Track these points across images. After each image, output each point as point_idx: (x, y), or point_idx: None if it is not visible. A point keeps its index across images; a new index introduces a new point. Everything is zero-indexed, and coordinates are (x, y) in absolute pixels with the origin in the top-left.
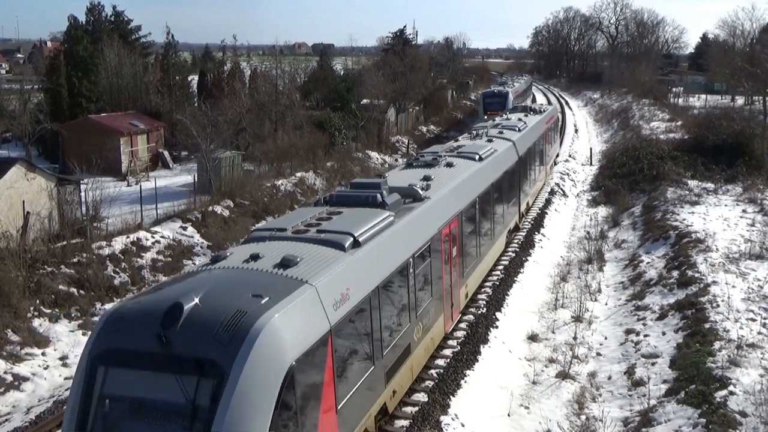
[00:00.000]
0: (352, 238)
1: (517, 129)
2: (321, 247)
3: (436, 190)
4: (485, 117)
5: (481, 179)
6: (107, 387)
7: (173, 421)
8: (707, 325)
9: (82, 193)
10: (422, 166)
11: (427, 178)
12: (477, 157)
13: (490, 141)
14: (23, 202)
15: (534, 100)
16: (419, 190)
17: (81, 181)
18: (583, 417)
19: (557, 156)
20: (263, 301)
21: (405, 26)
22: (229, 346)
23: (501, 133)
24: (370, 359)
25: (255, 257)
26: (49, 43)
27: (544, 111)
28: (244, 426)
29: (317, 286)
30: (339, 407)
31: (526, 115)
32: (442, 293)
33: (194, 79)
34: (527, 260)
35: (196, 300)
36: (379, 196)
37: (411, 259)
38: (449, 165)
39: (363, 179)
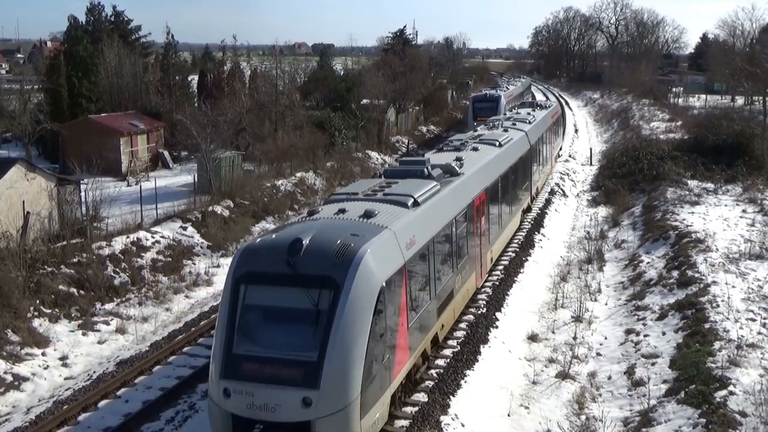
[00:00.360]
0: (412, 199)
1: (527, 121)
2: (389, 205)
3: (468, 168)
4: (474, 123)
5: (501, 162)
6: (248, 299)
7: (302, 321)
8: (707, 325)
9: (82, 193)
10: (452, 150)
11: (459, 159)
12: (497, 143)
13: (505, 131)
14: (23, 202)
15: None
16: (456, 167)
17: (81, 181)
18: (583, 417)
19: (560, 149)
20: (360, 238)
21: (405, 26)
22: (341, 268)
23: (514, 124)
24: (428, 294)
25: (342, 211)
26: (49, 43)
27: (549, 106)
28: (354, 323)
29: (394, 230)
30: (409, 325)
31: (533, 110)
32: (474, 253)
33: (194, 79)
34: (527, 260)
35: (310, 237)
36: (425, 169)
37: (453, 221)
38: (475, 149)
39: (410, 158)
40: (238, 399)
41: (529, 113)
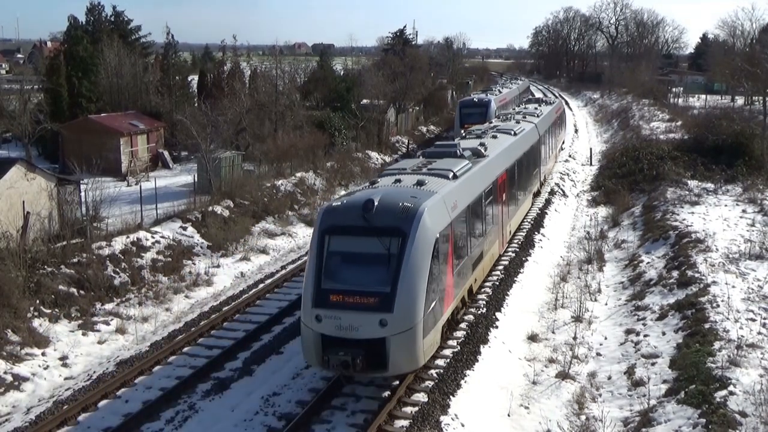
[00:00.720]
0: (452, 172)
1: (536, 115)
2: (434, 177)
3: (491, 151)
4: (461, 131)
5: (516, 149)
6: (332, 247)
7: (377, 262)
8: (707, 325)
9: (82, 193)
10: (474, 137)
11: (482, 144)
12: (512, 132)
13: (518, 123)
14: (23, 202)
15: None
16: (482, 150)
17: (81, 181)
18: (583, 417)
19: (563, 142)
20: (418, 199)
21: (405, 26)
22: (407, 221)
23: (525, 117)
24: (466, 251)
25: (398, 181)
26: (49, 44)
27: (553, 102)
28: (417, 264)
29: (442, 195)
30: (454, 272)
31: (539, 105)
32: (498, 223)
33: (194, 79)
34: (527, 260)
35: (379, 198)
36: (458, 150)
37: (483, 193)
38: (494, 137)
39: (443, 142)
40: (328, 323)
41: (536, 108)
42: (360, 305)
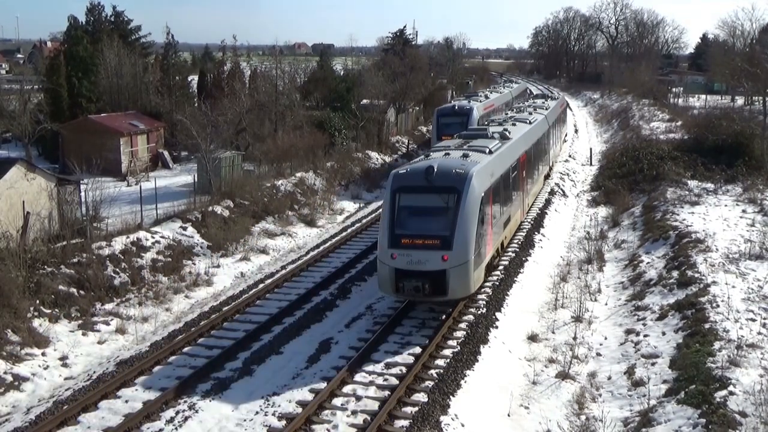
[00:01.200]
0: (488, 149)
1: (545, 108)
2: (474, 152)
3: (513, 135)
4: (439, 144)
5: (532, 135)
6: (402, 202)
7: (438, 214)
8: (707, 325)
9: (82, 193)
10: (497, 125)
11: (506, 129)
12: (528, 121)
13: (530, 114)
14: (23, 202)
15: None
16: (507, 134)
17: (81, 181)
18: (583, 417)
19: (566, 135)
20: (467, 166)
21: (405, 26)
22: (461, 181)
23: (535, 110)
24: (499, 211)
25: (447, 155)
26: (49, 44)
27: (557, 98)
28: (469, 215)
29: (483, 165)
30: (492, 226)
31: (546, 100)
32: (520, 194)
33: (194, 79)
34: (527, 260)
35: (437, 165)
36: (489, 132)
37: (510, 167)
38: (513, 124)
39: (476, 127)
40: (401, 259)
41: (543, 102)
42: (427, 246)
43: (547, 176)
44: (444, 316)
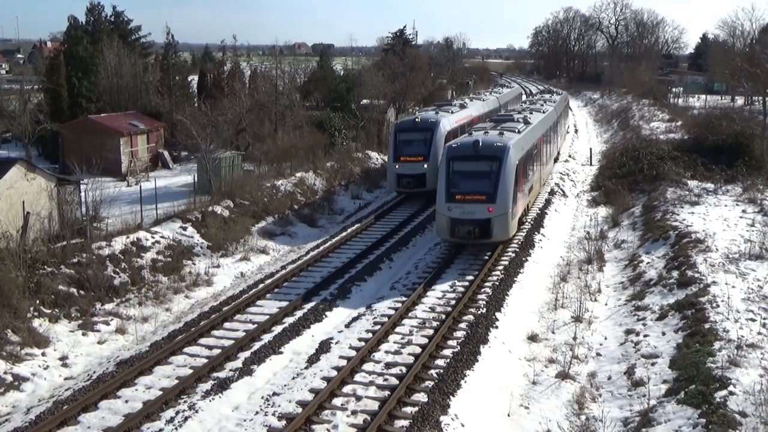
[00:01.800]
0: (517, 129)
1: (553, 101)
2: (507, 132)
3: (533, 121)
4: (396, 166)
5: (545, 122)
6: (454, 168)
7: (484, 176)
8: (707, 325)
9: (82, 194)
10: (518, 113)
11: (526, 116)
12: (542, 111)
13: (542, 105)
14: (23, 202)
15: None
16: (528, 119)
17: (81, 182)
18: (583, 417)
19: (568, 127)
20: (505, 140)
21: (405, 26)
22: (501, 151)
23: (545, 102)
24: (526, 179)
25: (486, 133)
26: (49, 44)
27: (561, 93)
28: (508, 177)
29: (516, 140)
30: (523, 189)
31: (552, 95)
32: (539, 168)
33: (194, 79)
34: (527, 260)
35: (481, 139)
36: (515, 116)
37: (532, 146)
38: (531, 113)
39: (504, 112)
40: (456, 210)
41: (551, 96)
42: (476, 200)
43: (556, 159)
44: (444, 316)
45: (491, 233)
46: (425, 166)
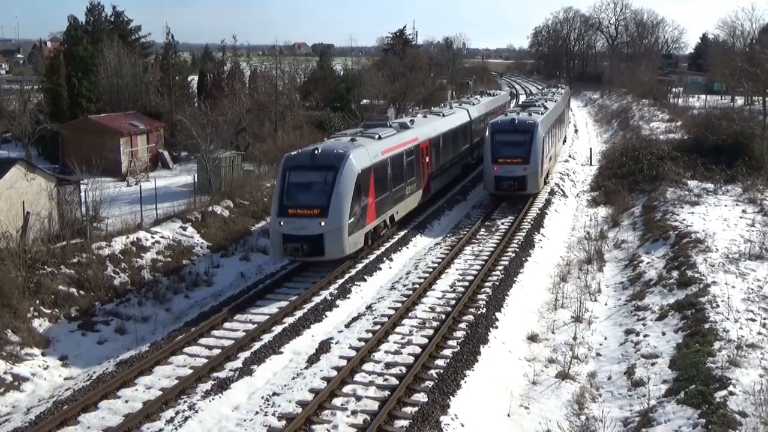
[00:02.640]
0: (540, 111)
1: (559, 93)
2: (534, 113)
3: (549, 107)
4: (280, 223)
5: (557, 108)
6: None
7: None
8: (707, 326)
9: (82, 194)
10: (538, 99)
11: (544, 104)
12: (553, 99)
13: (552, 95)
14: (23, 202)
15: None
16: (546, 106)
17: (81, 182)
18: (583, 417)
19: (569, 117)
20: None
21: (405, 26)
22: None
23: (554, 94)
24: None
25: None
26: (49, 44)
27: (564, 87)
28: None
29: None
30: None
31: (558, 89)
32: (556, 140)
33: (194, 79)
34: (527, 260)
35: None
36: (537, 103)
37: (550, 126)
38: (546, 101)
39: (524, 100)
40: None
41: (557, 90)
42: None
43: (564, 140)
44: (444, 316)
45: (527, 186)
46: None
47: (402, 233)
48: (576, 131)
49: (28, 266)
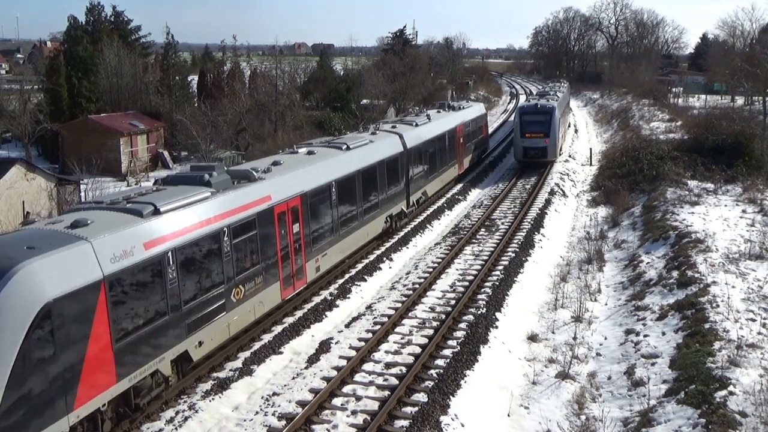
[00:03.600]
0: (554, 98)
1: (563, 88)
2: (550, 99)
3: (558, 96)
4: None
5: (565, 96)
6: (524, 119)
7: (542, 124)
8: (707, 326)
9: (82, 193)
10: (550, 89)
11: (555, 93)
12: (561, 90)
13: (560, 87)
14: (23, 202)
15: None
16: (557, 95)
17: (81, 181)
18: (583, 417)
19: (571, 109)
20: (552, 102)
21: (405, 26)
22: (552, 108)
23: (559, 87)
24: (562, 126)
25: (539, 100)
26: (49, 44)
27: (566, 83)
28: (556, 124)
29: (556, 104)
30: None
31: (561, 84)
32: (564, 124)
33: (194, 79)
34: (527, 260)
35: (539, 102)
36: (549, 92)
37: (562, 110)
38: (555, 92)
39: (542, 89)
40: (527, 142)
41: (560, 85)
42: (538, 137)
43: (569, 126)
44: (444, 316)
45: (547, 155)
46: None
47: (402, 233)
48: (576, 131)
49: None
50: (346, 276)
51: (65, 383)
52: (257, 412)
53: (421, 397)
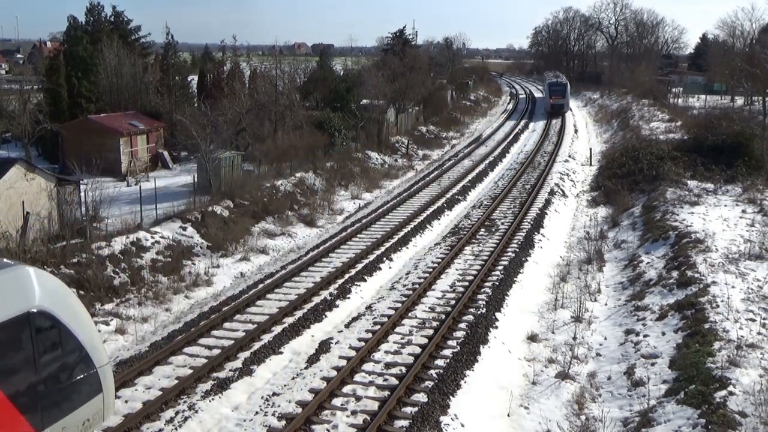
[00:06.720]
0: (564, 83)
1: (569, 82)
2: (563, 78)
3: (564, 80)
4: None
5: (566, 81)
6: (551, 89)
7: (561, 92)
8: (707, 326)
9: (82, 194)
10: (554, 76)
11: (562, 77)
12: (567, 80)
13: (564, 82)
14: (23, 202)
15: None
16: (564, 82)
17: (80, 182)
18: (583, 417)
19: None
20: (564, 79)
21: (405, 26)
22: (565, 84)
23: (563, 78)
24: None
25: (556, 78)
26: (48, 44)
27: (567, 81)
28: (568, 92)
29: (567, 81)
30: (569, 99)
31: (563, 78)
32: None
33: (194, 79)
34: (527, 260)
35: (558, 79)
36: (557, 78)
37: (568, 93)
38: (563, 82)
39: (554, 71)
40: (553, 100)
41: (563, 78)
42: (558, 99)
43: (569, 109)
44: (444, 316)
45: (564, 108)
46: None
47: (402, 233)
48: (576, 131)
49: None
50: (346, 276)
51: None
52: (257, 412)
53: (420, 397)
